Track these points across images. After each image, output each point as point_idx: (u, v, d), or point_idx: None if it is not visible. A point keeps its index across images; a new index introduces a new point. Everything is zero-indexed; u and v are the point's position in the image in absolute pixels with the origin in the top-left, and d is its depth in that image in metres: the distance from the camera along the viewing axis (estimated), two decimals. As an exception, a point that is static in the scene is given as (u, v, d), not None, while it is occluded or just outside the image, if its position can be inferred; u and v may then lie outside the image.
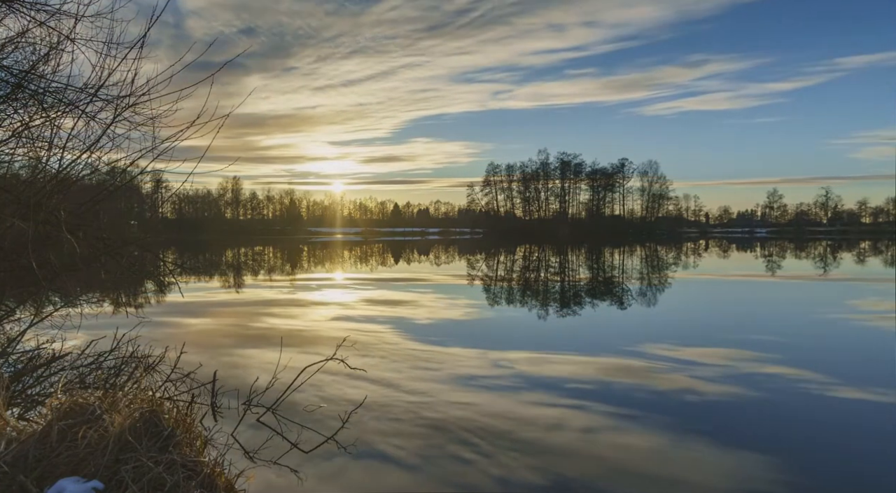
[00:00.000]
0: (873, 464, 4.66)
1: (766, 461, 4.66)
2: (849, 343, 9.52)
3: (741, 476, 4.40)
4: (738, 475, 4.42)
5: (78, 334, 6.98)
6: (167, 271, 7.27)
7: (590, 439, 5.18)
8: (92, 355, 6.28)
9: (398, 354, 8.51)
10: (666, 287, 18.91)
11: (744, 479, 4.35)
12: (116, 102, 4.85)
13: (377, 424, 5.49)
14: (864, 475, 4.44)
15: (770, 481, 4.30)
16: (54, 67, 5.06)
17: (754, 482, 4.29)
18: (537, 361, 8.10)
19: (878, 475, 4.45)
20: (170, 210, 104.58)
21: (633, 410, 5.96)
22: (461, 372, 7.39)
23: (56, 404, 2.98)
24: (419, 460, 4.68)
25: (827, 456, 4.83)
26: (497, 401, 6.20)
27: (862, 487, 4.26)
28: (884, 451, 4.94)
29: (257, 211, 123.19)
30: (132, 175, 5.69)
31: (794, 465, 4.59)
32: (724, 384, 6.88)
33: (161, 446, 2.77)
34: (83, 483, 2.58)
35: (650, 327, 11.13)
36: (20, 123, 5.13)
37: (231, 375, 6.93)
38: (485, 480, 4.30)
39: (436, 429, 5.35)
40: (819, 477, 4.41)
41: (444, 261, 34.63)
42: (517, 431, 5.31)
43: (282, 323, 11.33)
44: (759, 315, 12.78)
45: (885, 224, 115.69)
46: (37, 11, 4.86)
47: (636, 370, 7.54)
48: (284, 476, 4.21)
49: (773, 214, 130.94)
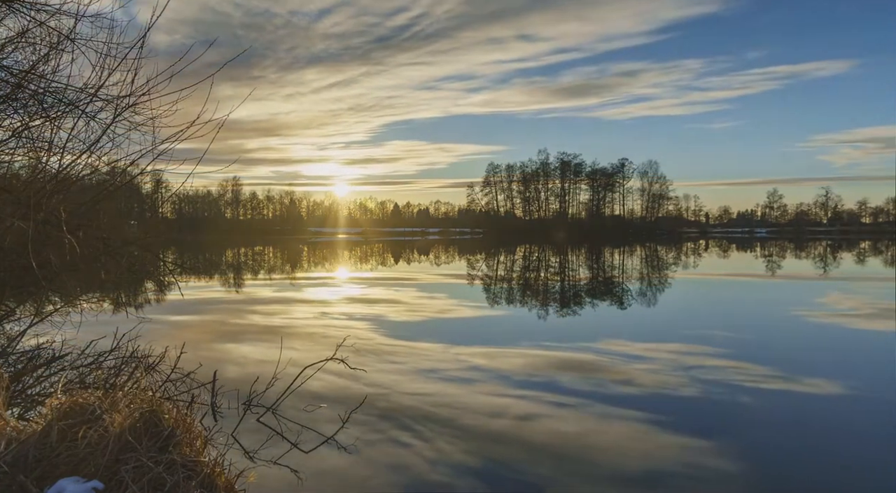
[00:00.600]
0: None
1: (681, 442, 4.71)
2: (811, 341, 9.55)
3: (657, 456, 4.44)
4: (654, 455, 4.49)
5: (78, 334, 6.98)
6: (167, 271, 7.27)
7: (525, 424, 5.44)
8: (92, 355, 6.29)
9: (399, 353, 8.52)
10: (656, 288, 18.92)
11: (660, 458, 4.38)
12: (116, 102, 4.86)
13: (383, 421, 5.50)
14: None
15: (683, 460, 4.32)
16: (54, 67, 5.06)
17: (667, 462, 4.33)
18: (511, 355, 8.13)
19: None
20: (170, 210, 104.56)
21: (572, 398, 6.23)
22: (424, 366, 7.39)
23: (56, 404, 2.98)
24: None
25: (736, 440, 4.96)
26: (458, 391, 6.22)
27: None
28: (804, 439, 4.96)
29: (257, 211, 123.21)
30: (132, 175, 5.70)
31: (707, 449, 4.62)
32: (660, 376, 7.11)
33: (161, 446, 2.77)
34: (83, 483, 2.58)
35: (621, 326, 11.19)
36: (20, 123, 5.13)
37: (231, 375, 6.93)
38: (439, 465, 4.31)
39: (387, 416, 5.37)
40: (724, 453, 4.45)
41: (443, 261, 34.64)
42: (460, 419, 5.37)
43: (282, 323, 11.33)
44: (732, 314, 12.80)
45: (885, 224, 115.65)
46: (37, 11, 4.87)
47: (586, 364, 7.61)
48: (284, 476, 4.21)
49: (773, 214, 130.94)
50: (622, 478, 4.34)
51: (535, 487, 4.18)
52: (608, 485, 4.23)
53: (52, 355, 5.83)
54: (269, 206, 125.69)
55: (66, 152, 4.97)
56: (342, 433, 4.97)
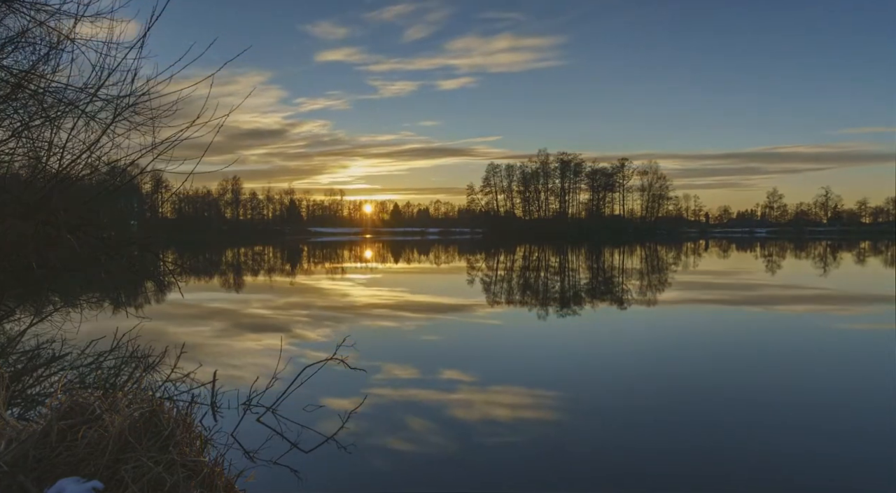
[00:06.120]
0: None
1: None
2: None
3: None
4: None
5: (78, 334, 6.97)
6: (167, 271, 7.27)
7: (528, 425, 5.25)
8: (92, 355, 6.29)
9: (399, 353, 8.52)
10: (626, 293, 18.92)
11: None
12: (116, 102, 4.86)
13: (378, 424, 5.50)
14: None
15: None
16: (54, 67, 5.06)
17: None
18: (511, 355, 8.11)
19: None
20: (170, 210, 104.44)
21: (574, 401, 6.07)
22: (425, 365, 7.38)
23: (56, 405, 2.98)
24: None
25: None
26: (458, 391, 6.21)
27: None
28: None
29: (257, 211, 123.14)
30: (132, 175, 5.69)
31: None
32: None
33: (161, 446, 2.77)
34: (83, 483, 2.58)
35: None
36: (20, 123, 5.13)
37: (231, 375, 6.93)
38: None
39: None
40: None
41: (443, 261, 34.64)
42: (461, 419, 5.34)
43: (282, 323, 11.33)
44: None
45: (885, 224, 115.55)
46: (37, 11, 4.87)
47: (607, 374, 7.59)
48: (284, 476, 4.21)
49: (772, 214, 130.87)
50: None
51: (536, 487, 4.18)
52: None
53: (52, 355, 5.82)
54: (269, 206, 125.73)
55: (66, 152, 4.97)
56: (342, 433, 4.97)
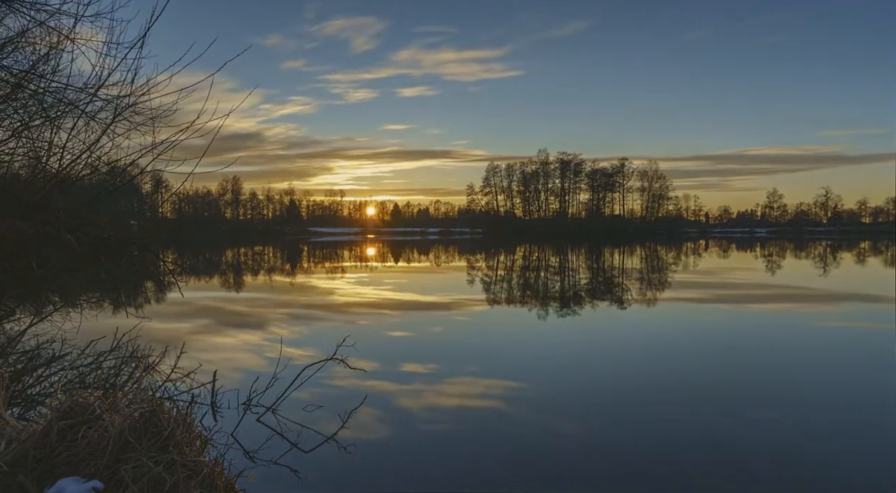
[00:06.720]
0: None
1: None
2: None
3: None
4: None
5: (78, 334, 6.97)
6: (167, 271, 7.27)
7: (527, 425, 5.26)
8: (92, 355, 6.29)
9: (399, 352, 8.52)
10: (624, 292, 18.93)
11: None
12: (116, 102, 4.86)
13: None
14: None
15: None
16: (54, 67, 5.06)
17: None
18: (512, 356, 8.11)
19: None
20: (170, 210, 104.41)
21: (576, 404, 6.07)
22: (425, 365, 7.39)
23: (56, 405, 2.98)
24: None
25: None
26: (459, 391, 6.21)
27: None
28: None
29: (257, 211, 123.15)
30: (132, 175, 5.70)
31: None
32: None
33: (161, 446, 2.77)
34: (83, 483, 2.58)
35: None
36: (20, 123, 5.13)
37: (231, 375, 6.93)
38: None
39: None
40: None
41: (444, 261, 34.64)
42: (462, 418, 5.34)
43: (282, 322, 11.33)
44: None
45: (885, 224, 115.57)
46: (37, 11, 4.87)
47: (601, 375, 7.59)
48: (284, 476, 4.21)
49: (772, 214, 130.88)
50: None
51: (536, 486, 4.19)
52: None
53: (52, 355, 5.82)
54: (269, 206, 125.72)
55: (66, 152, 4.97)
56: (342, 433, 4.97)
